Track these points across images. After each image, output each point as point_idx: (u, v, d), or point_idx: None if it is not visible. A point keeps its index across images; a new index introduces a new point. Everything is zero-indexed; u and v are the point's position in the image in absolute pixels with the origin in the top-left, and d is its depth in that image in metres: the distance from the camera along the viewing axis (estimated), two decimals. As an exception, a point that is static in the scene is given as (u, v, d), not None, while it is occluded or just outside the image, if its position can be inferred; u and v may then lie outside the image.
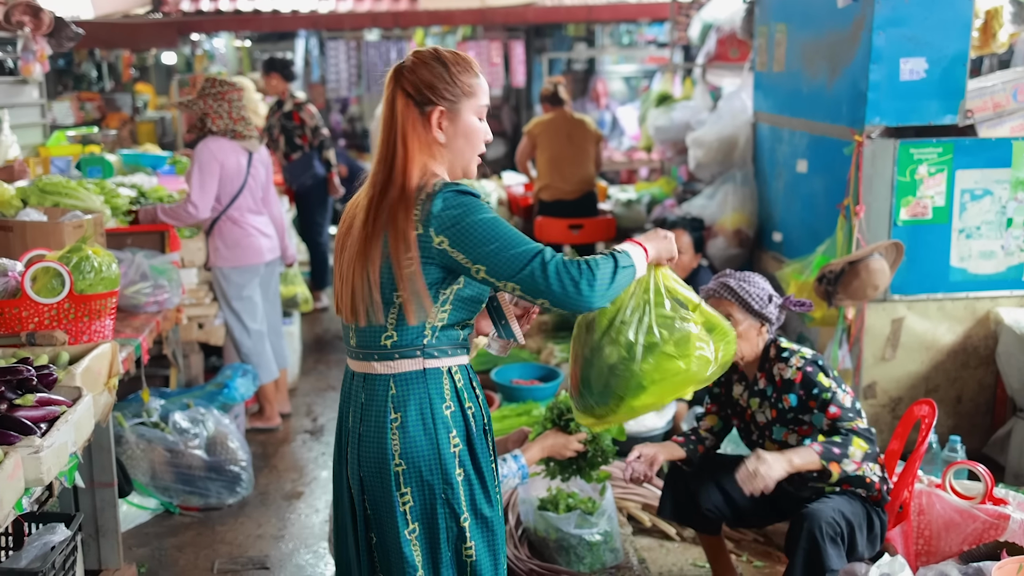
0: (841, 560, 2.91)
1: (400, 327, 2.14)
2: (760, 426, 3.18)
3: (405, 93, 2.14)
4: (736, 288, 3.08)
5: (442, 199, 2.06)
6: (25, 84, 6.77)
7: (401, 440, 2.16)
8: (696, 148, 5.78)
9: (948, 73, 4.05)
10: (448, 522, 2.20)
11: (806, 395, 3.03)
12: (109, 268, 3.42)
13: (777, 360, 3.11)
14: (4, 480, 2.24)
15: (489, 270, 2.04)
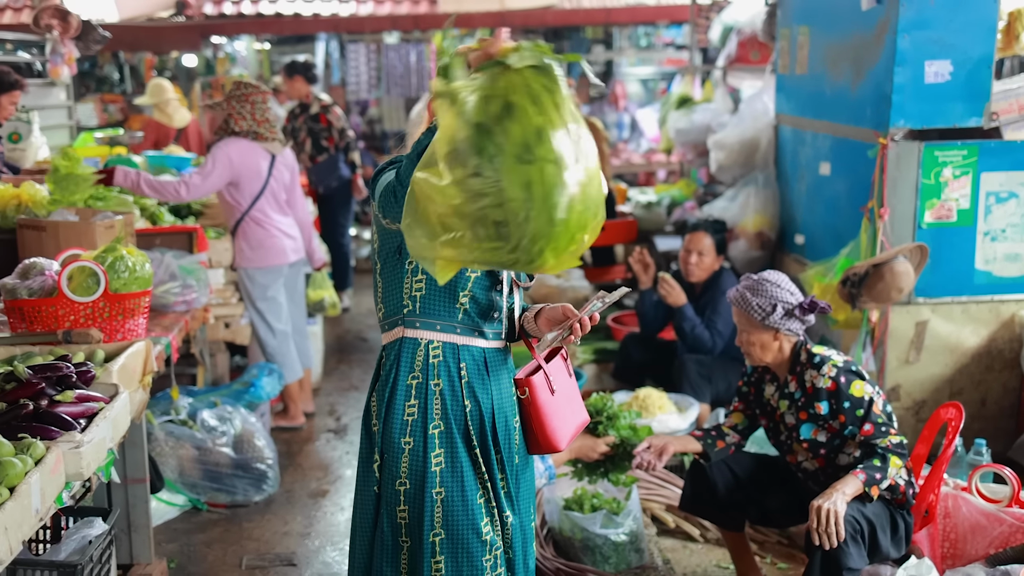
0: (862, 559, 2.92)
1: (385, 299, 2.35)
2: (789, 427, 3.20)
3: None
4: (738, 299, 3.13)
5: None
6: (53, 86, 6.86)
7: (376, 400, 2.37)
8: (718, 150, 5.80)
9: (973, 75, 4.06)
10: (382, 486, 2.35)
11: (837, 406, 3.05)
12: (143, 268, 3.48)
13: (809, 366, 3.12)
14: (46, 474, 2.28)
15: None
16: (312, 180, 7.14)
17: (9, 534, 2.07)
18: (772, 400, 3.26)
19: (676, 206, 6.79)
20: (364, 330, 7.30)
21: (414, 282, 2.31)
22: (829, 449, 3.14)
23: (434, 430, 2.31)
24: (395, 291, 2.34)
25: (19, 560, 2.54)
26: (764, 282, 3.14)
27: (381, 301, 2.37)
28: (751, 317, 3.10)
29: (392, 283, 2.34)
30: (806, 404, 3.12)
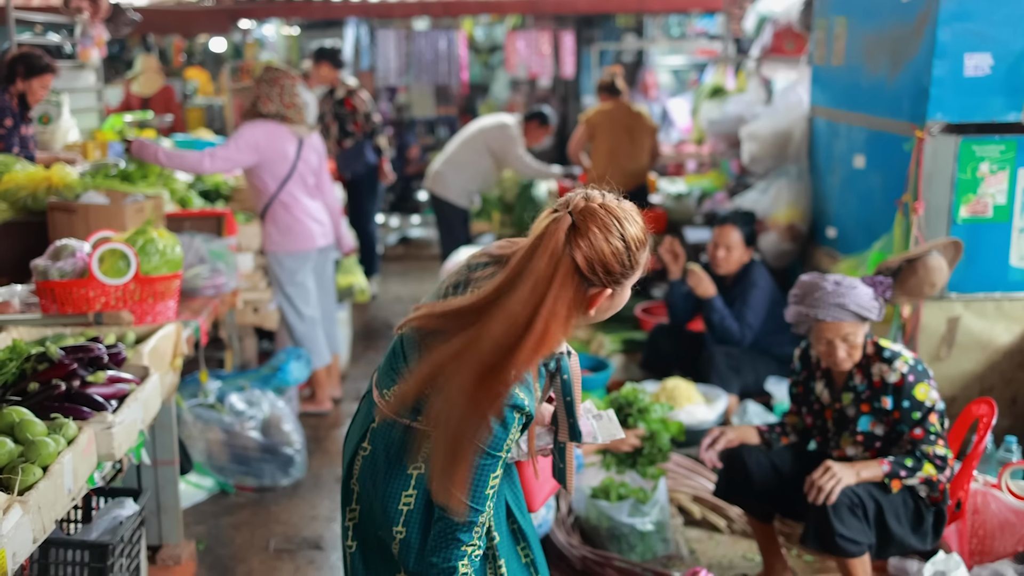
0: (860, 532, 2.96)
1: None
2: (847, 419, 3.19)
3: (575, 265, 1.76)
4: (856, 309, 3.03)
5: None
6: (82, 69, 6.91)
7: (361, 468, 2.08)
8: (750, 141, 5.75)
9: (1014, 69, 3.99)
10: (378, 561, 2.14)
11: (897, 401, 3.05)
12: (173, 251, 3.50)
13: (878, 359, 3.11)
14: (79, 454, 2.30)
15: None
16: (339, 166, 7.15)
17: (42, 513, 2.09)
18: (823, 396, 3.25)
19: (706, 197, 6.75)
20: (391, 317, 7.32)
21: None
22: (885, 442, 3.14)
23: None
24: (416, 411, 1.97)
25: (51, 539, 2.56)
26: (847, 281, 3.07)
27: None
28: (869, 318, 3.06)
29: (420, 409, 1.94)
30: (871, 397, 3.12)
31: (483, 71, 12.71)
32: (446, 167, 6.96)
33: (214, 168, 4.72)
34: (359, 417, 2.15)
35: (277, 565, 3.72)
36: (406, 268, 9.01)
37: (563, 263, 1.75)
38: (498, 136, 6.85)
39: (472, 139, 6.94)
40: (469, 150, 6.91)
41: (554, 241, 1.75)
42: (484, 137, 6.89)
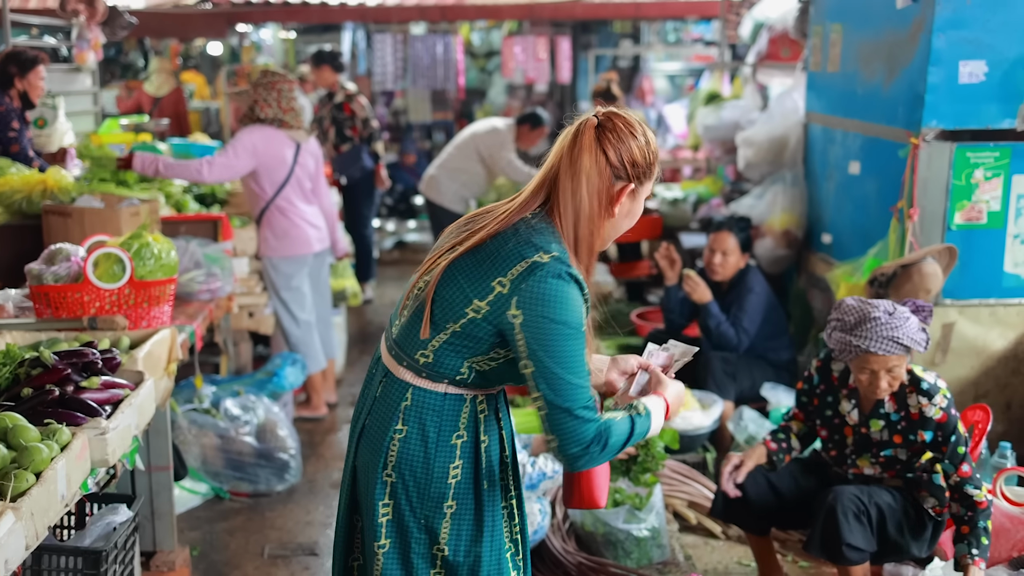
0: (864, 540, 2.96)
1: (439, 354, 2.01)
2: (871, 442, 3.12)
3: (606, 157, 1.98)
4: (908, 343, 2.93)
5: (543, 280, 1.91)
6: (79, 72, 6.90)
7: (399, 452, 2.06)
8: (746, 147, 5.75)
9: (1008, 77, 4.00)
10: (422, 547, 2.10)
11: (943, 438, 3.01)
12: (168, 255, 3.49)
13: (917, 392, 3.04)
14: (72, 460, 2.29)
15: (535, 373, 1.92)
16: (335, 170, 7.15)
17: (35, 519, 2.08)
18: (849, 417, 3.16)
19: (702, 203, 6.75)
20: (387, 321, 7.30)
21: (486, 361, 2.02)
22: (904, 465, 3.12)
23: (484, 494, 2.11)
24: (457, 359, 2.02)
25: (44, 545, 2.55)
26: (897, 311, 2.98)
27: (432, 352, 2.01)
28: (916, 351, 2.98)
29: (464, 351, 2.01)
30: (906, 429, 3.05)
31: (480, 76, 12.72)
32: (440, 172, 6.95)
33: (213, 176, 4.69)
34: (380, 407, 2.10)
35: (272, 571, 3.71)
36: (402, 272, 9.00)
37: (598, 156, 1.98)
38: (488, 141, 6.82)
39: (465, 144, 6.92)
40: (462, 155, 6.90)
41: (587, 138, 1.98)
42: (476, 142, 6.87)
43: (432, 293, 2.00)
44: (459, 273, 1.99)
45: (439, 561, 2.10)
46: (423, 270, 2.08)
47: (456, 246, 2.04)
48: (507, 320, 1.93)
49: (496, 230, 2.00)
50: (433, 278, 2.01)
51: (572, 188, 1.97)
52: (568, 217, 1.98)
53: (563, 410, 1.92)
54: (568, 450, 1.94)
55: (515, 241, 1.96)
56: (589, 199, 1.97)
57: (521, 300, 1.91)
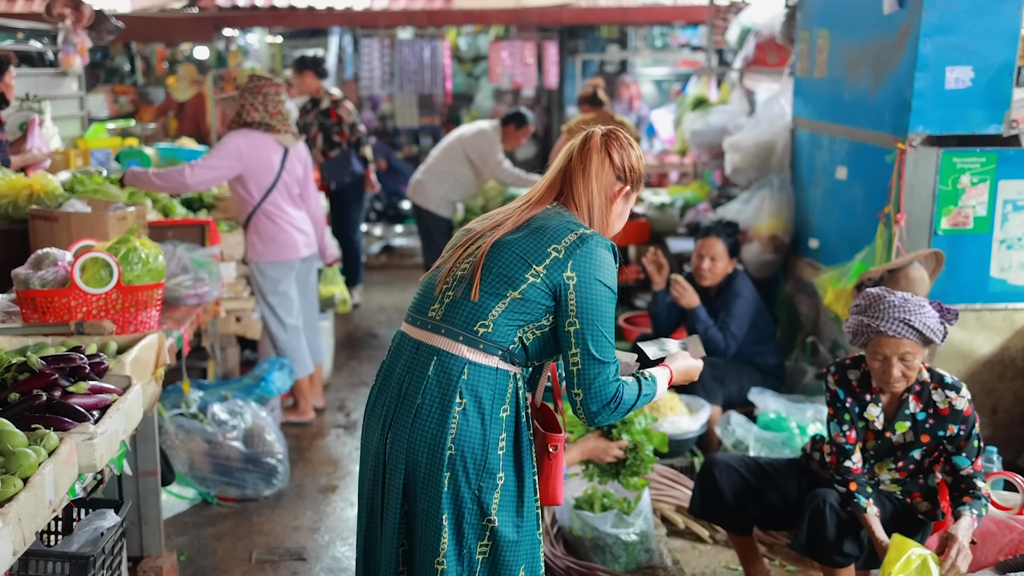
0: (851, 544, 2.98)
1: (498, 323, 2.23)
2: (894, 445, 3.10)
3: (611, 160, 2.35)
4: (921, 328, 2.90)
5: (594, 248, 2.23)
6: (65, 76, 6.87)
7: (459, 426, 2.22)
8: (733, 153, 5.77)
9: (994, 82, 4.03)
10: (474, 518, 2.24)
11: (966, 432, 3.01)
12: (156, 260, 3.47)
13: (942, 387, 3.03)
14: (60, 465, 2.28)
15: (580, 330, 2.22)
16: (324, 176, 7.13)
17: (23, 525, 2.07)
18: (876, 421, 3.10)
19: (689, 208, 6.77)
20: (374, 326, 7.30)
21: (534, 329, 2.26)
22: (918, 468, 3.13)
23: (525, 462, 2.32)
24: (513, 327, 2.25)
25: (32, 551, 2.53)
26: (915, 299, 2.97)
27: (492, 322, 2.23)
28: (932, 340, 2.95)
29: (520, 320, 2.25)
30: (935, 426, 3.04)
31: (467, 81, 12.73)
32: (427, 177, 6.93)
33: (195, 179, 4.65)
34: (436, 384, 2.23)
35: (259, 576, 3.69)
36: (389, 277, 8.99)
37: (604, 158, 2.34)
38: (476, 144, 6.82)
39: (451, 148, 6.91)
40: (449, 159, 6.88)
41: (595, 144, 2.34)
42: (463, 146, 6.86)
43: (480, 268, 2.25)
44: (512, 246, 2.26)
45: (488, 533, 2.25)
46: (457, 257, 2.33)
47: (491, 231, 2.31)
48: (563, 281, 2.21)
49: (530, 215, 2.31)
50: (479, 257, 2.27)
51: (584, 183, 2.33)
52: (583, 208, 2.33)
53: (600, 362, 2.22)
54: (591, 405, 2.23)
55: (558, 219, 2.28)
56: (598, 193, 2.32)
57: (576, 264, 2.21)
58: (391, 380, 2.33)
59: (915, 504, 3.11)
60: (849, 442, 3.11)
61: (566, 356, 2.24)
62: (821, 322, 5.02)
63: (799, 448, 4.03)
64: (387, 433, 2.29)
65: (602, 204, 2.34)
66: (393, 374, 2.33)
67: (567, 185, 2.35)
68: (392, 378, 2.32)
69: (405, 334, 2.36)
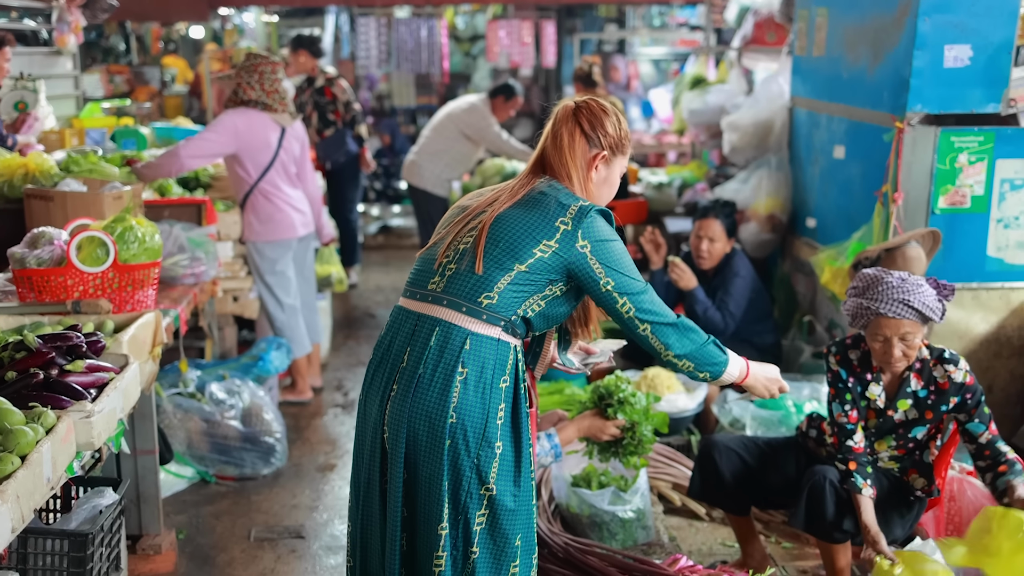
0: (848, 520, 2.98)
1: (503, 294, 2.28)
2: (895, 423, 3.12)
3: (581, 129, 2.40)
4: (920, 308, 2.91)
5: (596, 216, 2.32)
6: (59, 55, 6.82)
7: (460, 395, 2.25)
8: (731, 132, 5.76)
9: (993, 61, 4.02)
10: (473, 487, 2.27)
11: (973, 401, 3.03)
12: (152, 239, 3.47)
13: (940, 362, 3.05)
14: (57, 443, 2.29)
15: (617, 285, 2.32)
16: (319, 155, 7.10)
17: (21, 502, 2.07)
18: (879, 400, 3.11)
19: (687, 187, 6.76)
20: (372, 306, 7.30)
21: (537, 302, 2.32)
22: (917, 445, 3.15)
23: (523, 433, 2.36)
24: (518, 299, 2.31)
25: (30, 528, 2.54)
26: (919, 281, 2.97)
27: (498, 294, 2.28)
28: (931, 319, 2.95)
29: (525, 292, 2.30)
30: (936, 402, 3.05)
31: (464, 60, 12.67)
32: (421, 157, 6.91)
33: (188, 153, 4.61)
34: (437, 354, 2.27)
35: (258, 554, 3.71)
36: (387, 257, 8.99)
37: (575, 131, 2.40)
38: (469, 120, 6.77)
39: (442, 126, 6.87)
40: (442, 138, 6.85)
41: (565, 116, 2.42)
42: (455, 122, 6.82)
43: (484, 241, 2.30)
44: (516, 220, 2.32)
45: (486, 502, 2.29)
46: (457, 231, 2.37)
47: (489, 205, 2.37)
48: (577, 251, 2.29)
49: (525, 190, 2.37)
50: (481, 230, 2.31)
51: (559, 156, 2.40)
52: (566, 179, 2.39)
53: (642, 292, 2.35)
54: (663, 326, 2.37)
55: (555, 193, 2.35)
56: (573, 163, 2.39)
57: (585, 232, 2.29)
58: (391, 353, 2.35)
59: (912, 481, 3.13)
60: (851, 422, 3.10)
61: (617, 311, 2.35)
62: (818, 301, 5.03)
63: (795, 426, 4.04)
64: (386, 404, 2.32)
65: (580, 173, 2.39)
66: (393, 347, 2.35)
67: (547, 160, 2.42)
68: (392, 351, 2.35)
69: (403, 308, 2.39)
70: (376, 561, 2.40)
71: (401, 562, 2.34)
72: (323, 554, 3.72)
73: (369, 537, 2.41)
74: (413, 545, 2.34)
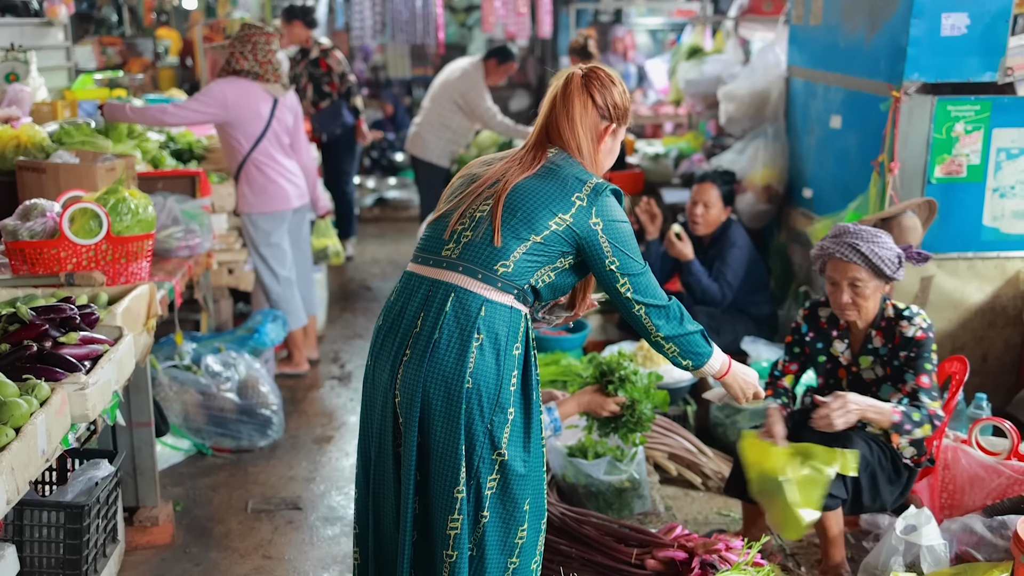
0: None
1: (518, 263, 2.31)
2: (865, 383, 3.20)
3: (593, 100, 2.40)
4: (868, 254, 3.01)
5: (610, 196, 2.35)
6: (50, 26, 6.76)
7: (477, 361, 2.28)
8: (727, 102, 5.73)
9: (990, 29, 3.99)
10: (486, 451, 2.30)
11: (917, 354, 3.07)
12: (145, 211, 3.45)
13: (899, 319, 3.12)
14: (52, 415, 2.28)
15: (620, 265, 2.35)
16: (315, 127, 7.06)
17: (16, 474, 2.08)
18: (843, 357, 3.23)
19: (684, 158, 6.73)
20: (368, 279, 7.30)
21: (548, 273, 2.36)
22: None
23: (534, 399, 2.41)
24: (531, 269, 2.34)
25: (25, 500, 2.55)
26: (879, 234, 3.06)
27: (514, 263, 2.31)
28: (881, 270, 3.03)
29: (538, 262, 2.34)
30: (891, 357, 3.13)
31: (460, 31, 12.57)
32: (423, 129, 6.85)
33: (175, 118, 4.61)
34: (453, 321, 2.28)
35: (255, 526, 3.72)
36: (383, 230, 8.97)
37: (587, 102, 2.40)
38: (462, 88, 6.68)
39: (440, 96, 6.80)
40: (441, 109, 6.79)
41: (576, 87, 2.40)
42: (450, 92, 6.74)
43: (501, 210, 2.31)
44: (533, 191, 2.33)
45: (497, 466, 2.32)
46: (472, 199, 2.38)
47: (503, 174, 2.37)
48: (590, 228, 2.33)
49: (540, 160, 2.38)
50: (497, 199, 2.33)
51: (570, 127, 2.39)
52: (574, 150, 2.40)
53: (641, 272, 2.39)
54: (655, 307, 2.41)
55: (571, 168, 2.37)
56: (584, 135, 2.39)
57: (599, 210, 2.33)
58: (403, 318, 2.35)
59: (900, 449, 3.13)
60: (787, 372, 3.35)
61: (615, 289, 2.39)
62: (814, 272, 5.01)
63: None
64: (398, 369, 2.32)
65: (591, 145, 2.41)
66: (405, 313, 2.35)
67: (555, 130, 2.41)
68: (404, 317, 2.35)
69: (415, 273, 2.39)
70: (389, 524, 2.42)
71: (413, 525, 2.36)
72: (320, 525, 3.74)
73: (382, 501, 2.42)
74: (425, 508, 2.36)
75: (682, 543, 2.99)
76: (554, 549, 3.11)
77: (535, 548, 2.43)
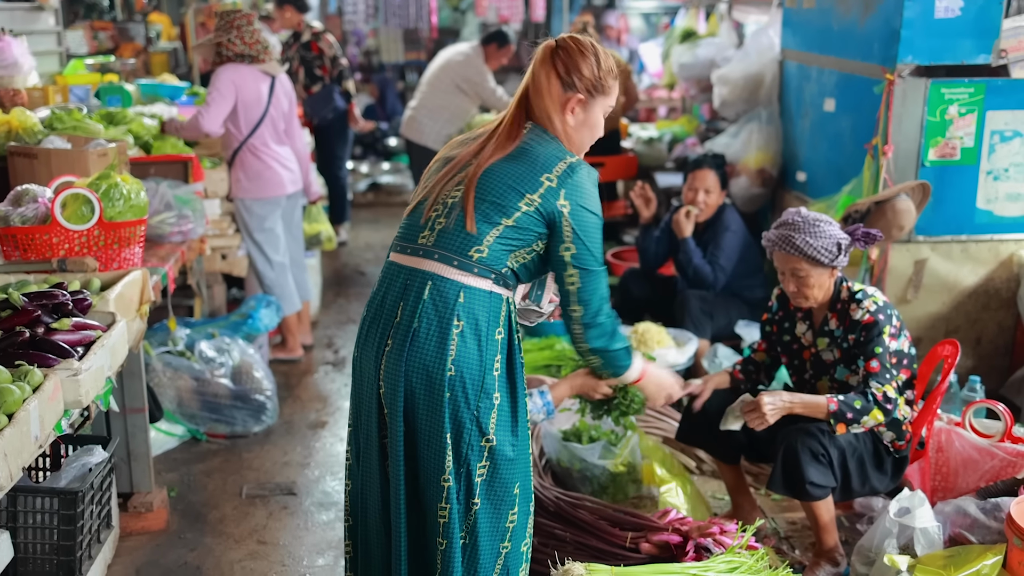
0: (824, 477, 3.02)
1: (492, 248, 2.28)
2: (825, 364, 3.22)
3: (555, 70, 2.34)
4: (802, 246, 3.04)
5: (583, 178, 2.30)
6: (41, 11, 6.71)
7: (458, 347, 2.26)
8: (721, 86, 5.72)
9: (983, 12, 3.99)
10: (474, 439, 2.29)
11: (867, 338, 3.06)
12: (138, 196, 3.44)
13: (851, 301, 3.13)
14: (45, 401, 2.28)
15: (576, 254, 2.31)
16: (306, 112, 7.02)
17: (9, 460, 2.07)
18: (804, 338, 3.27)
19: (677, 142, 6.73)
20: (362, 264, 7.28)
21: (524, 255, 2.33)
22: (848, 389, 3.16)
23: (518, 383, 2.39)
24: (506, 253, 2.31)
25: (19, 487, 2.55)
26: (818, 222, 3.07)
27: (487, 248, 2.28)
28: (818, 260, 3.05)
29: (512, 246, 2.31)
30: (843, 340, 3.14)
31: (453, 15, 12.51)
32: (420, 112, 6.81)
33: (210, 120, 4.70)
34: (431, 308, 2.26)
35: (250, 511, 3.72)
36: (376, 215, 8.95)
37: (551, 73, 2.34)
38: (464, 72, 6.64)
39: (438, 79, 6.76)
40: (440, 91, 6.74)
41: (542, 58, 2.36)
42: (450, 75, 6.70)
43: (472, 195, 2.28)
44: (503, 173, 2.29)
45: (487, 453, 2.31)
46: (443, 184, 2.35)
47: (474, 157, 2.34)
48: (557, 209, 2.28)
49: (513, 140, 2.33)
50: (468, 184, 2.29)
51: (538, 99, 2.35)
52: (547, 124, 2.35)
53: (594, 272, 2.33)
54: (587, 318, 2.36)
55: (543, 145, 2.32)
56: (551, 107, 2.34)
57: (568, 193, 2.28)
58: (384, 309, 2.34)
59: (879, 434, 3.12)
60: (758, 349, 3.43)
61: (562, 278, 2.34)
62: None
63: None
64: (382, 359, 2.31)
65: (559, 117, 2.35)
66: (386, 303, 2.33)
67: (529, 102, 2.38)
68: (385, 307, 2.34)
69: (394, 263, 2.37)
70: (375, 515, 2.41)
71: (407, 515, 2.36)
72: (315, 510, 3.74)
73: (369, 493, 2.42)
74: (415, 498, 2.36)
75: (677, 527, 3.00)
76: (548, 533, 3.11)
77: (525, 530, 2.43)
